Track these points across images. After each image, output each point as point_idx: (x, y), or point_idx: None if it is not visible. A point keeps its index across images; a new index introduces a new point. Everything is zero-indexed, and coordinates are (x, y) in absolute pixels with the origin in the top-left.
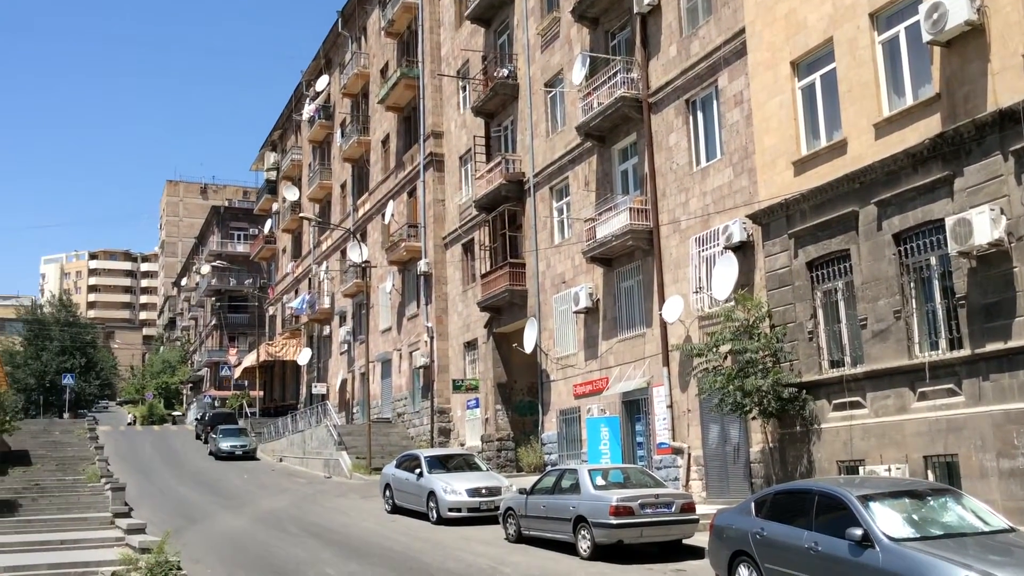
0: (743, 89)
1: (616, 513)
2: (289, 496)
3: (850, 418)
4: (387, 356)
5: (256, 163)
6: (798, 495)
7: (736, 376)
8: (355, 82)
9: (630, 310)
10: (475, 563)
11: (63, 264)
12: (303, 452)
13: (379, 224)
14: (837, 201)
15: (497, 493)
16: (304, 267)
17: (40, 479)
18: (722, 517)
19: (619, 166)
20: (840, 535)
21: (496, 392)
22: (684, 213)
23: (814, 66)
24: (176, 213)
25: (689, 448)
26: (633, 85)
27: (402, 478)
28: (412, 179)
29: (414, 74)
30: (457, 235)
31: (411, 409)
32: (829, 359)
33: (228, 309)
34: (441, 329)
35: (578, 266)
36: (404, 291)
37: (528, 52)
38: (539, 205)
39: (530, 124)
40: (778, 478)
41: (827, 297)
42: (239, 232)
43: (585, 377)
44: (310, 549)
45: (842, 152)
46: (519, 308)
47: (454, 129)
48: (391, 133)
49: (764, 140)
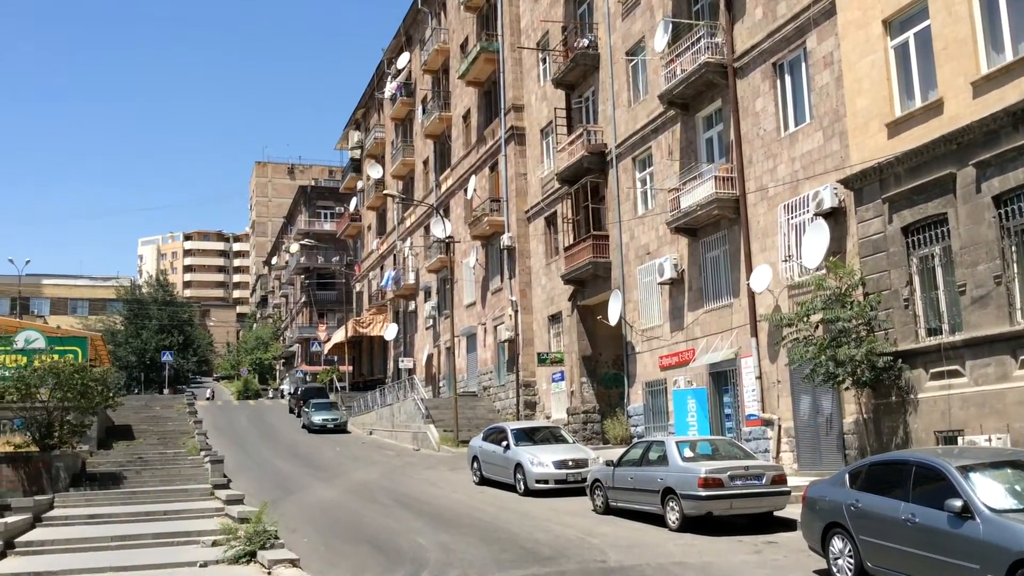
0: (833, 50)
1: (705, 485)
2: (379, 468)
3: (948, 387)
4: (472, 330)
5: (340, 142)
6: (894, 466)
7: (828, 346)
8: (435, 58)
9: (716, 280)
10: (563, 534)
11: (159, 245)
12: (392, 425)
13: (462, 199)
14: (933, 163)
15: (583, 465)
16: (389, 244)
17: (143, 452)
18: (815, 489)
19: (703, 134)
20: (939, 506)
21: (581, 365)
22: (772, 180)
23: (907, 24)
24: (265, 193)
25: (779, 419)
26: (717, 50)
27: (489, 450)
28: (493, 153)
29: (494, 48)
30: (539, 208)
31: (496, 382)
32: (926, 327)
33: (317, 286)
34: (525, 303)
35: (662, 237)
36: (487, 265)
37: (608, 20)
38: (622, 176)
39: (611, 94)
40: (873, 449)
41: (923, 263)
42: (326, 210)
43: (671, 349)
44: (401, 519)
45: (938, 112)
46: (603, 280)
47: (534, 102)
48: (472, 108)
49: (856, 102)
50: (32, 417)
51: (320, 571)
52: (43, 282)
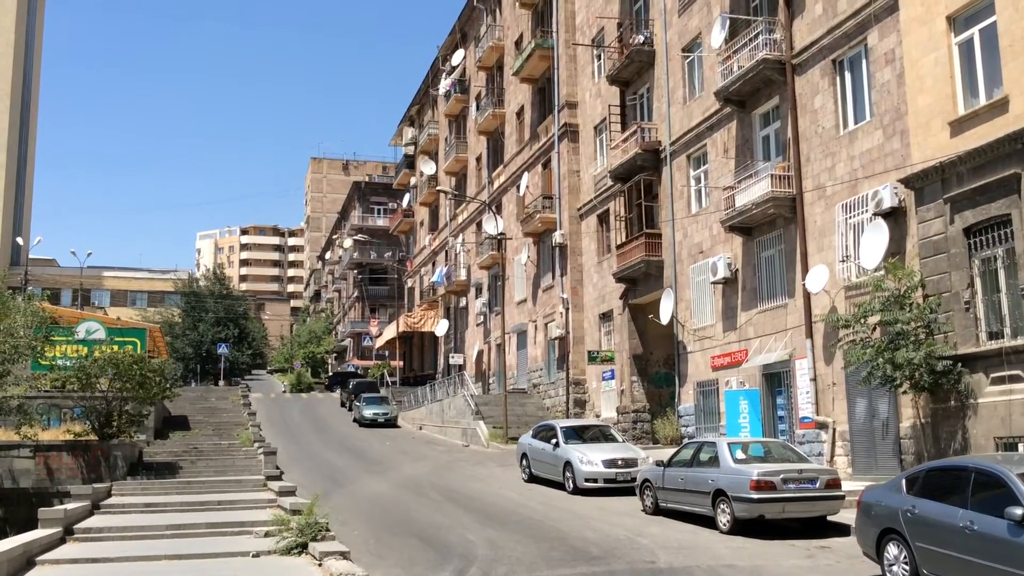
0: (895, 47)
1: (757, 487)
2: (429, 463)
3: (1009, 392)
4: (522, 327)
5: (395, 138)
6: (953, 472)
7: (886, 348)
8: (490, 55)
9: (771, 280)
10: (612, 533)
11: (216, 239)
12: (441, 421)
13: (514, 196)
14: (997, 163)
15: (633, 465)
16: (441, 240)
17: (198, 443)
18: (870, 494)
19: (760, 131)
20: (999, 514)
21: (632, 363)
22: (830, 179)
23: (972, 20)
24: (320, 189)
25: (834, 423)
26: (776, 46)
27: (538, 448)
28: (546, 150)
29: (548, 44)
30: (592, 206)
31: (546, 380)
32: (987, 330)
33: (369, 281)
34: (576, 300)
35: (716, 235)
36: (539, 263)
37: (665, 17)
38: (676, 174)
39: (666, 91)
40: (930, 455)
41: (986, 265)
42: (379, 206)
43: (723, 349)
44: (450, 514)
45: (1003, 111)
46: (655, 279)
47: (588, 99)
48: (525, 105)
49: (918, 100)
50: (92, 406)
51: (370, 564)
52: (104, 274)
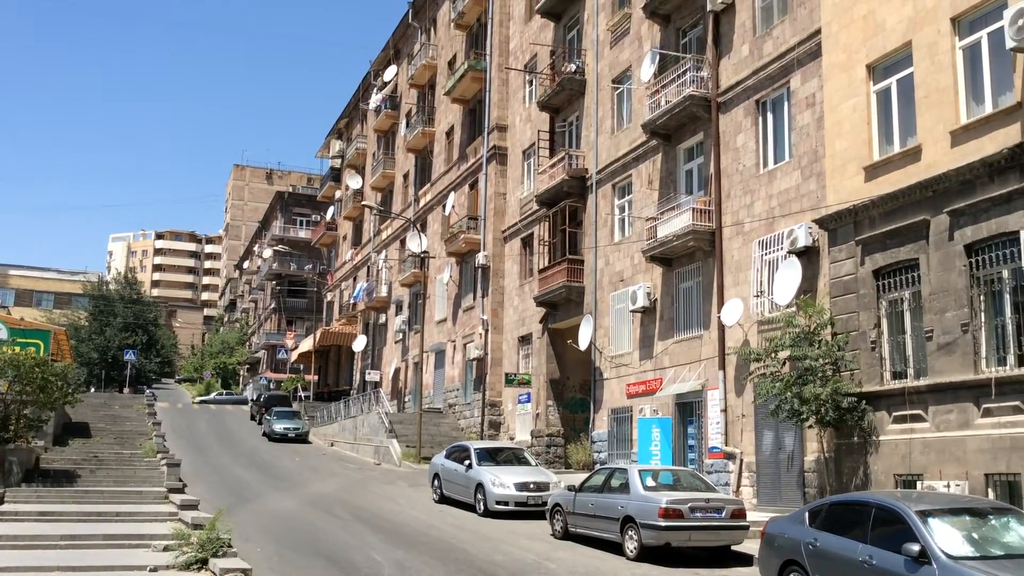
0: (816, 91)
1: (665, 515)
2: (339, 480)
3: (910, 431)
4: (441, 347)
5: (321, 150)
6: (854, 507)
7: (794, 383)
8: (422, 73)
9: (688, 311)
10: (521, 557)
11: (130, 243)
12: (354, 438)
13: (439, 215)
14: (908, 209)
15: (545, 488)
16: (363, 255)
17: (99, 451)
18: (774, 525)
19: (684, 165)
20: (896, 550)
21: (548, 388)
22: (748, 215)
23: (891, 70)
24: (241, 197)
25: (742, 454)
26: (702, 84)
27: (451, 469)
28: (474, 171)
29: (481, 67)
30: (517, 229)
31: (462, 400)
32: (891, 370)
33: (287, 293)
34: (496, 322)
35: (637, 265)
36: (461, 283)
37: (597, 48)
38: (601, 202)
39: (595, 120)
40: (832, 489)
41: (892, 307)
42: (302, 218)
43: (639, 377)
44: (358, 534)
45: (916, 159)
46: (575, 304)
47: (519, 123)
48: (456, 125)
49: (835, 144)
50: None
51: None
52: (9, 272)
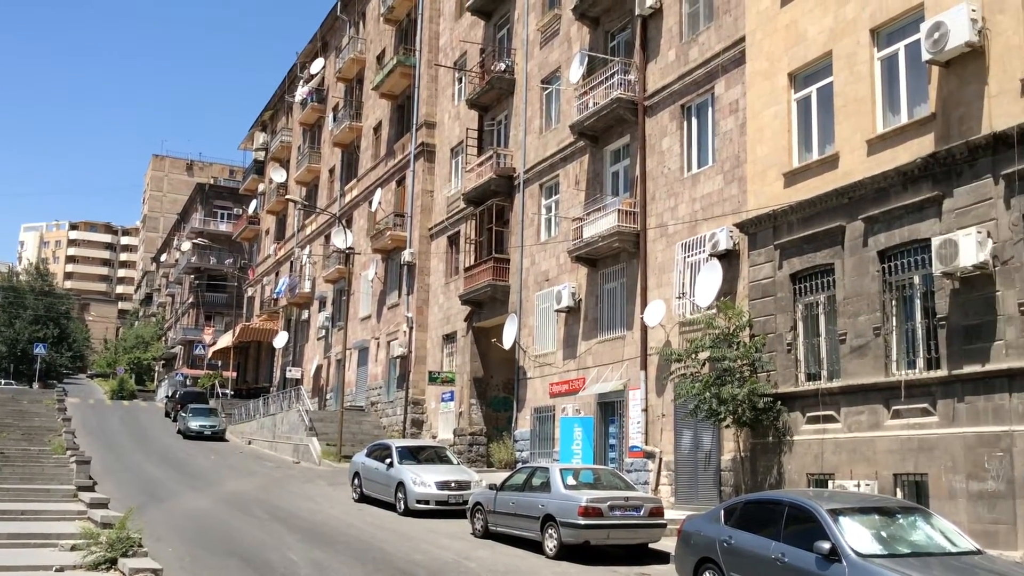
0: (739, 98)
1: (585, 513)
2: (256, 479)
3: (823, 431)
4: (364, 344)
5: (245, 142)
6: (768, 505)
7: (713, 383)
8: (350, 67)
9: (611, 312)
10: (440, 556)
11: (43, 233)
12: (273, 436)
13: (365, 211)
14: (825, 215)
15: (466, 487)
16: (287, 250)
17: (5, 448)
18: (691, 523)
19: (610, 167)
20: (808, 548)
21: (472, 386)
22: (672, 218)
23: (811, 79)
24: (160, 188)
25: (661, 452)
26: (630, 87)
27: (372, 467)
28: (402, 168)
29: (411, 63)
30: (443, 227)
31: (385, 398)
32: (806, 372)
33: (206, 288)
34: (421, 320)
35: (562, 265)
36: (386, 280)
37: (527, 48)
38: (528, 201)
39: (524, 120)
40: (747, 487)
41: (808, 310)
42: (223, 211)
43: (562, 376)
44: (274, 533)
45: (833, 166)
46: (501, 303)
47: (447, 120)
48: (383, 120)
49: (757, 150)
50: None
51: None
52: None
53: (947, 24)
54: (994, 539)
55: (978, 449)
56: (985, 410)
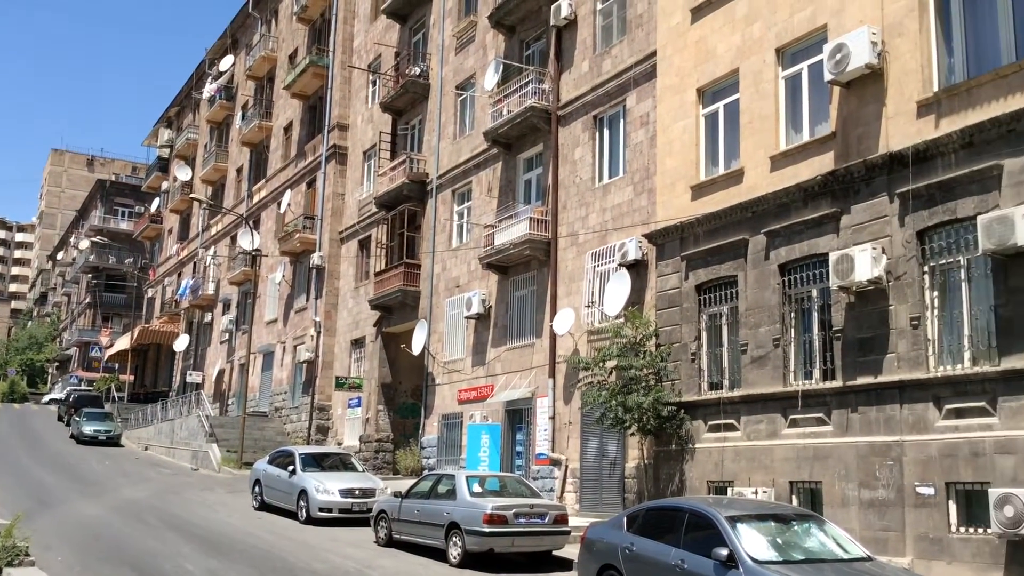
0: (650, 111)
1: (490, 521)
2: (152, 486)
3: (723, 440)
4: (270, 348)
5: (149, 139)
6: (669, 512)
7: (619, 392)
8: (261, 65)
9: (521, 319)
10: (341, 565)
11: None
12: (171, 442)
13: (274, 213)
14: (730, 228)
15: (371, 495)
16: (190, 250)
17: None
18: (594, 530)
19: (523, 175)
20: (706, 554)
21: (380, 392)
22: (583, 227)
23: (719, 95)
24: (59, 184)
25: (567, 460)
26: (544, 96)
27: (273, 474)
28: (312, 170)
29: (324, 63)
30: (354, 231)
31: (290, 404)
32: (709, 381)
33: (105, 288)
34: (329, 324)
35: (473, 271)
36: (294, 283)
37: (442, 53)
38: (440, 207)
39: (438, 125)
40: (650, 494)
41: (712, 321)
42: (124, 209)
43: (471, 383)
44: (169, 542)
45: (738, 181)
46: (411, 309)
47: (360, 123)
48: (294, 120)
49: (666, 162)
50: None
51: None
52: None
53: (849, 46)
54: (884, 546)
55: (870, 458)
56: (877, 420)
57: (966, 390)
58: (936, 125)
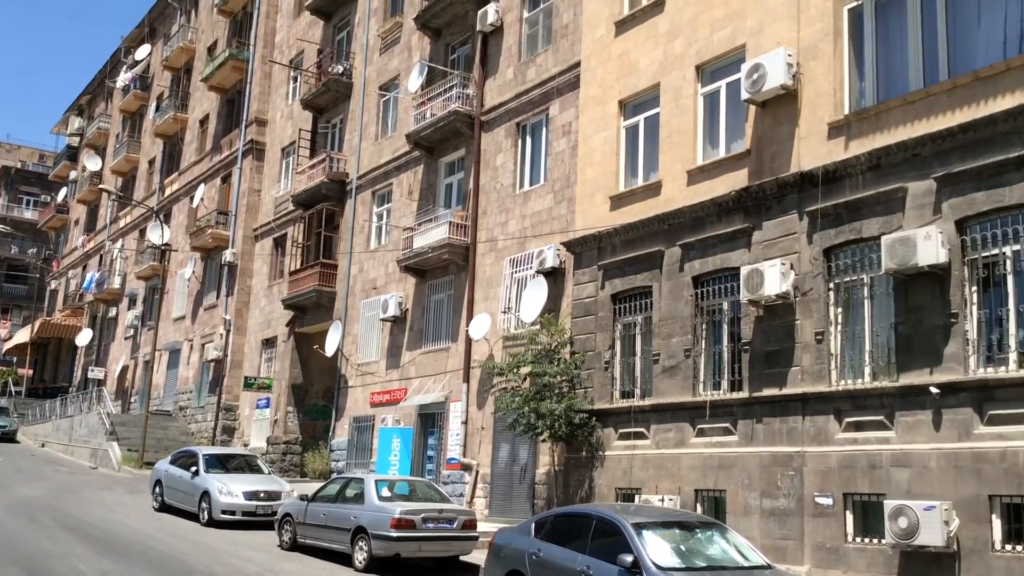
0: (572, 120)
1: (397, 526)
2: (48, 484)
3: (633, 447)
4: (177, 345)
5: (58, 126)
6: (577, 519)
7: (533, 398)
8: (179, 56)
9: (437, 323)
10: (242, 568)
11: None
12: (69, 439)
13: (186, 207)
14: (646, 239)
15: (277, 498)
16: (97, 242)
17: None
18: (502, 536)
19: (444, 179)
20: (612, 560)
21: (290, 393)
22: (502, 233)
23: (640, 108)
24: None
25: (478, 465)
26: (468, 101)
27: (176, 475)
28: (228, 164)
29: (244, 56)
30: (270, 228)
31: (196, 403)
32: (621, 390)
33: (5, 278)
34: (240, 323)
35: (391, 274)
36: (205, 280)
37: (366, 52)
38: (359, 208)
39: (360, 125)
40: (559, 500)
41: (627, 330)
42: (29, 197)
43: (384, 386)
44: (62, 542)
45: (656, 193)
46: (325, 310)
47: (280, 119)
48: (211, 114)
49: (586, 172)
50: None
51: None
52: None
53: (765, 66)
54: (783, 554)
55: (772, 468)
56: (780, 431)
57: (865, 404)
58: (846, 147)
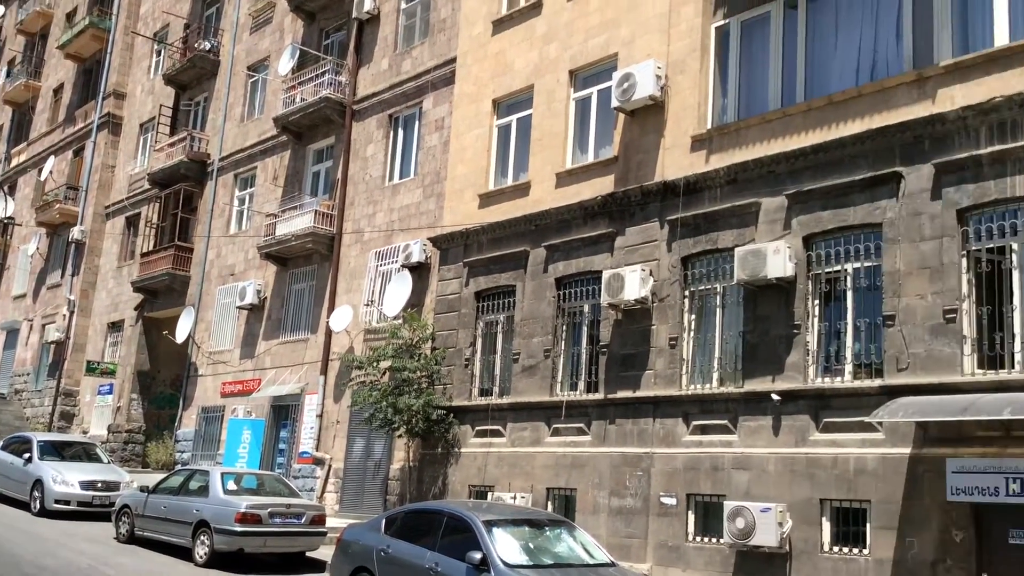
0: (445, 116)
1: (242, 520)
2: None
3: (489, 445)
4: (15, 325)
5: None
6: (428, 515)
7: (391, 393)
8: (35, 20)
9: (297, 313)
10: (75, 561)
11: None
12: None
13: (33, 179)
14: (513, 239)
15: (115, 488)
16: None
17: None
18: (351, 532)
19: (312, 166)
20: (461, 557)
21: (135, 380)
22: (369, 225)
23: (513, 108)
24: None
25: (331, 459)
26: (340, 88)
27: (7, 461)
28: (82, 137)
29: (105, 25)
30: (122, 206)
31: (33, 387)
32: (480, 387)
33: None
34: (85, 304)
35: (251, 260)
36: (49, 257)
37: (236, 31)
38: (220, 190)
39: (225, 105)
40: (412, 497)
41: (489, 328)
42: None
43: (237, 376)
44: None
45: (525, 194)
46: (178, 294)
47: (140, 93)
48: (67, 83)
49: (457, 168)
50: None
51: None
52: None
53: (635, 76)
54: (628, 552)
55: (622, 468)
56: (632, 432)
57: (712, 408)
58: (707, 160)
